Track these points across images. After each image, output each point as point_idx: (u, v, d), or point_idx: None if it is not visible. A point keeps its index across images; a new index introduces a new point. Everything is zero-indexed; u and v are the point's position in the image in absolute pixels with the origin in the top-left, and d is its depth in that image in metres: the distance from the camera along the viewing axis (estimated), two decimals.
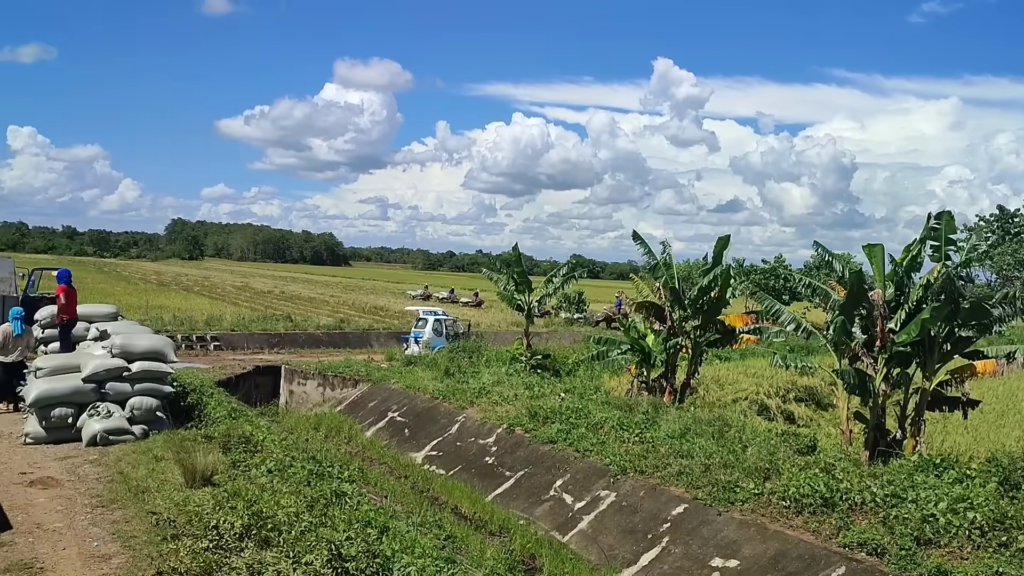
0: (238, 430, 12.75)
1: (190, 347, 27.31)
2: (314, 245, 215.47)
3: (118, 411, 12.77)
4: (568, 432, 15.21)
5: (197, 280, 77.90)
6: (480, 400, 18.48)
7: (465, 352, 25.22)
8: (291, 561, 7.28)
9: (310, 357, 27.73)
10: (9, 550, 8.01)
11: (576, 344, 29.93)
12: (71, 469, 11.14)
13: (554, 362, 23.67)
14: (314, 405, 23.29)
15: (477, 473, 15.53)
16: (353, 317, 42.39)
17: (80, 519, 9.08)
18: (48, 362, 13.45)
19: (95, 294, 41.60)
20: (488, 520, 13.25)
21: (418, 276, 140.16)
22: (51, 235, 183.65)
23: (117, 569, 7.65)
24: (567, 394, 18.12)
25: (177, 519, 8.56)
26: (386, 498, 12.94)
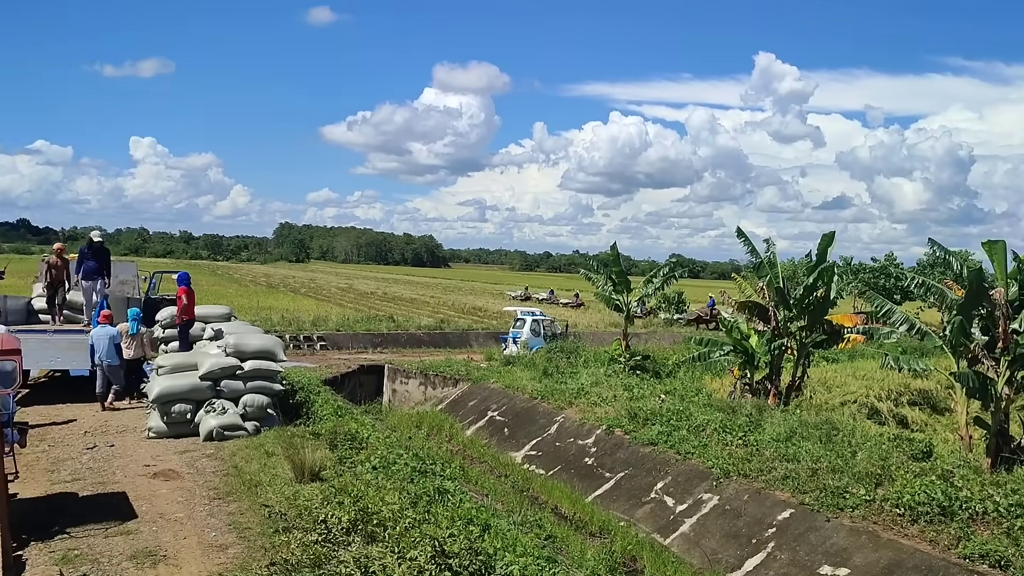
0: (344, 427, 13.12)
1: (297, 347, 28.14)
2: (415, 247, 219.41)
3: (232, 408, 13.34)
4: (669, 434, 15.02)
5: (304, 282, 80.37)
6: (579, 401, 18.44)
7: (563, 352, 25.21)
8: (396, 556, 7.44)
9: (412, 357, 28.22)
10: (135, 538, 8.48)
11: (676, 345, 29.50)
12: (190, 462, 11.69)
13: (654, 363, 23.42)
14: (416, 404, 23.69)
15: (576, 474, 15.50)
16: (453, 318, 42.95)
17: (199, 510, 9.52)
18: (168, 360, 14.16)
19: (209, 296, 43.48)
20: (588, 521, 13.21)
21: (515, 277, 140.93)
22: (169, 240, 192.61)
23: (233, 559, 7.99)
24: (667, 396, 17.89)
25: (288, 512, 8.89)
26: (487, 496, 13.06)
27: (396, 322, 36.10)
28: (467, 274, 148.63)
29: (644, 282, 24.41)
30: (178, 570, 7.70)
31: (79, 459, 11.66)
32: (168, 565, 7.80)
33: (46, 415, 14.38)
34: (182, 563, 7.86)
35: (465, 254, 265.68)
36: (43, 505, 9.44)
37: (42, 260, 17.65)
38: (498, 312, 46.65)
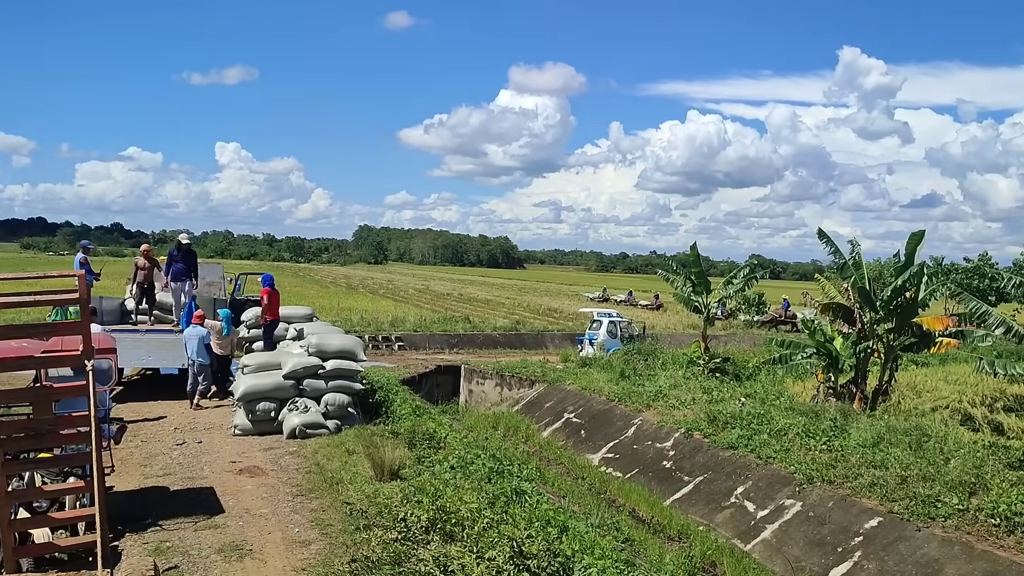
0: (422, 427, 13.27)
1: (376, 347, 28.58)
2: (490, 249, 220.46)
3: (314, 406, 13.62)
4: (749, 438, 14.73)
5: (382, 283, 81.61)
6: (656, 403, 18.25)
7: (640, 354, 24.97)
8: (475, 556, 7.47)
9: (488, 357, 28.37)
10: (223, 532, 8.73)
11: (756, 347, 28.93)
12: (274, 459, 11.99)
13: (733, 366, 22.99)
14: (492, 404, 23.79)
15: (654, 477, 15.34)
16: (528, 319, 43.02)
17: (283, 506, 9.75)
18: (253, 360, 14.55)
19: (291, 297, 44.48)
20: (667, 525, 13.05)
21: (591, 278, 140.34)
22: (253, 242, 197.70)
23: (316, 554, 8.15)
24: (748, 399, 17.55)
25: (368, 510, 9.02)
26: (564, 498, 13.02)
27: (472, 323, 36.34)
28: (542, 275, 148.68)
29: (724, 283, 24.00)
30: (264, 564, 7.89)
31: (170, 454, 12.08)
32: (254, 559, 8.01)
33: (138, 411, 14.94)
34: (267, 558, 8.06)
35: (540, 255, 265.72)
36: (137, 498, 9.81)
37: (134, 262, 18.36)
38: (574, 313, 46.52)
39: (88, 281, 6.57)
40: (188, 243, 17.64)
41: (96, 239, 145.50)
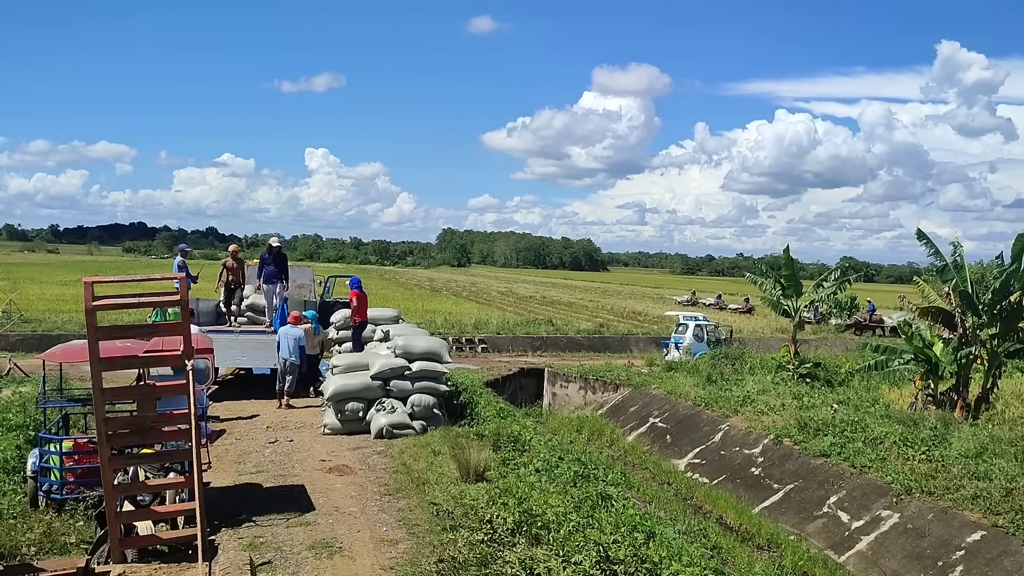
0: (507, 429, 13.30)
1: (460, 349, 28.82)
2: (573, 251, 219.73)
3: (401, 407, 13.82)
4: (843, 446, 14.30)
5: (465, 286, 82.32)
6: (744, 409, 17.89)
7: (728, 359, 24.50)
8: (560, 560, 7.43)
9: (571, 361, 28.29)
10: (313, 529, 8.93)
11: (849, 352, 28.03)
12: (362, 459, 12.19)
13: (825, 371, 22.34)
14: (576, 408, 23.72)
15: (742, 484, 15.03)
16: (612, 322, 42.72)
17: (371, 505, 9.91)
18: (342, 360, 14.85)
19: (377, 299, 45.11)
20: (755, 533, 12.77)
21: (676, 281, 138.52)
22: (341, 246, 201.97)
23: (404, 553, 8.25)
24: (840, 405, 17.03)
25: (454, 511, 9.09)
26: (650, 504, 12.89)
27: (555, 326, 36.29)
28: (626, 278, 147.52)
29: (815, 286, 23.35)
30: (353, 562, 8.03)
31: (262, 452, 12.42)
32: (344, 557, 8.16)
33: (232, 410, 15.40)
34: (356, 555, 8.20)
35: (624, 258, 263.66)
36: (232, 494, 10.11)
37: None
38: (658, 316, 45.99)
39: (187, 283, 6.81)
40: (279, 246, 18.12)
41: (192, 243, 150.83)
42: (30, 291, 39.94)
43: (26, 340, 22.89)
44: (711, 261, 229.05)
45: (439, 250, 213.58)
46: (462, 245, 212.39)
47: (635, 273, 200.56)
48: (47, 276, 59.00)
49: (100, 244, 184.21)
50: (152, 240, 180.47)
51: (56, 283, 49.85)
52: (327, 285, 21.91)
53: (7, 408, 12.79)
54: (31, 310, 29.43)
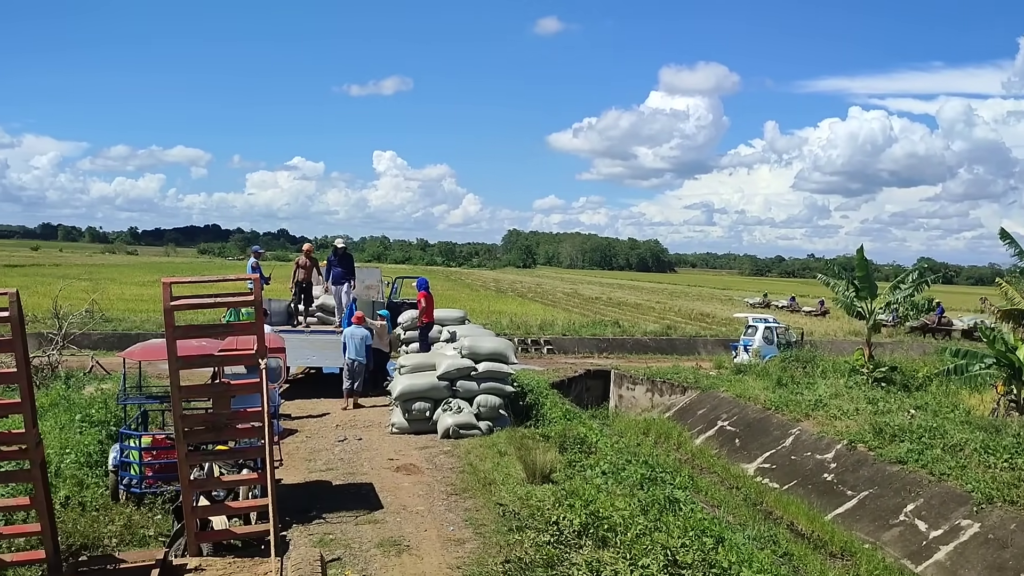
0: (573, 431, 13.26)
1: (525, 350, 28.81)
2: (639, 252, 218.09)
3: (467, 407, 13.90)
4: (920, 452, 13.86)
5: (530, 287, 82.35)
6: (816, 413, 17.49)
7: (799, 362, 24.00)
8: (628, 563, 7.39)
9: (638, 362, 28.04)
10: (381, 527, 9.04)
11: (927, 356, 27.18)
12: (429, 458, 12.30)
13: (901, 375, 21.69)
14: (642, 410, 23.51)
15: (814, 490, 14.69)
16: (679, 323, 42.24)
17: (438, 504, 9.99)
18: (410, 361, 15.01)
19: (443, 300, 45.45)
20: (828, 540, 12.47)
21: (744, 282, 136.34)
22: (408, 247, 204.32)
23: (470, 553, 8.29)
24: (918, 411, 16.52)
25: (521, 512, 9.10)
26: (718, 508, 12.70)
27: (621, 327, 36.01)
28: (694, 279, 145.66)
29: (890, 288, 22.69)
30: (420, 561, 8.10)
31: (332, 450, 12.63)
32: (411, 555, 8.23)
33: (303, 408, 15.70)
34: (423, 554, 8.27)
35: (691, 259, 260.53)
36: (302, 491, 10.30)
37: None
38: (727, 318, 45.26)
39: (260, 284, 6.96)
40: (343, 247, 18.41)
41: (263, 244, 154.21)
42: (111, 291, 41.36)
43: (107, 339, 23.71)
44: (781, 262, 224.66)
45: (504, 251, 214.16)
46: (527, 246, 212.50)
47: (703, 274, 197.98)
48: (126, 277, 61.10)
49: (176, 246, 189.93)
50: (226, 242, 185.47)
51: (135, 284, 51.56)
52: (395, 286, 22.17)
53: (90, 404, 13.27)
54: (112, 310, 30.45)
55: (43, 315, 23.24)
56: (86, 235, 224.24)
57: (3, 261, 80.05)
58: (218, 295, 6.91)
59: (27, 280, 46.06)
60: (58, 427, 11.84)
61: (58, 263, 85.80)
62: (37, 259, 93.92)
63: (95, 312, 23.40)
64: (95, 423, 12.11)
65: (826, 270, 25.14)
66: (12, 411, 6.26)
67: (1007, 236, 16.68)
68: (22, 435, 6.00)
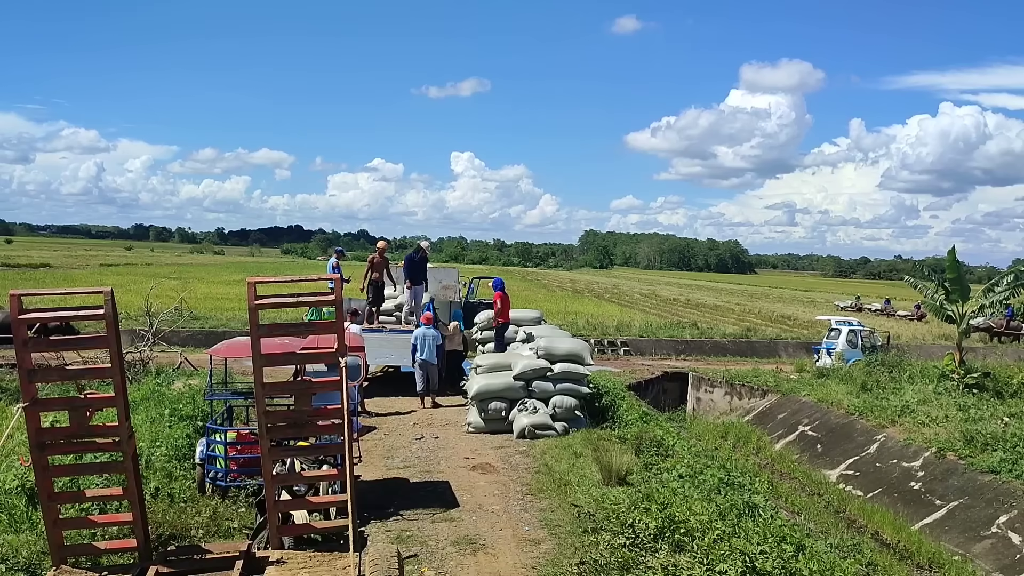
0: (649, 433, 13.15)
1: (601, 351, 28.67)
2: (719, 253, 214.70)
3: (543, 408, 13.91)
4: (1014, 463, 13.28)
5: (607, 288, 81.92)
6: (902, 419, 16.92)
7: (884, 366, 23.23)
8: (704, 568, 7.29)
9: (716, 365, 27.63)
10: (457, 525, 9.12)
11: (1022, 362, 26.02)
12: (504, 458, 12.36)
13: (994, 381, 20.79)
14: (721, 413, 23.15)
15: (900, 498, 14.22)
16: (759, 326, 41.40)
17: (513, 504, 10.02)
18: (485, 360, 15.11)
19: (520, 300, 45.60)
20: (915, 551, 12.06)
21: (827, 284, 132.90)
22: (485, 248, 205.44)
23: (545, 554, 8.30)
24: (1012, 419, 15.82)
25: (596, 514, 9.06)
26: (799, 515, 12.41)
27: (700, 329, 35.52)
28: (775, 281, 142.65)
29: (984, 290, 21.77)
30: (495, 560, 8.14)
31: (409, 448, 12.81)
32: (487, 554, 8.29)
33: (382, 406, 15.96)
34: (499, 553, 8.31)
35: (772, 260, 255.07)
36: (380, 488, 10.48)
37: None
38: (808, 321, 44.17)
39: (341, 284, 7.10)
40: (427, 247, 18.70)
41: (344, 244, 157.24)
42: (198, 290, 42.83)
43: (195, 336, 24.55)
44: (866, 264, 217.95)
45: (581, 252, 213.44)
46: (604, 247, 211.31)
47: (784, 276, 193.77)
48: (213, 276, 63.16)
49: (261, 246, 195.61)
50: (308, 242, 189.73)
51: (221, 282, 53.24)
52: (471, 286, 22.33)
53: (179, 400, 13.77)
54: (199, 308, 31.51)
55: (135, 313, 24.20)
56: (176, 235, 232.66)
57: (99, 261, 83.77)
58: (300, 294, 7.07)
59: (121, 279, 48.05)
60: (149, 421, 12.33)
61: (150, 263, 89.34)
62: (130, 259, 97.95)
63: (183, 310, 24.22)
64: (183, 417, 12.56)
65: (914, 272, 24.31)
66: (107, 405, 6.53)
67: None
68: (115, 428, 6.27)
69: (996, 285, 21.31)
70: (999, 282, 21.37)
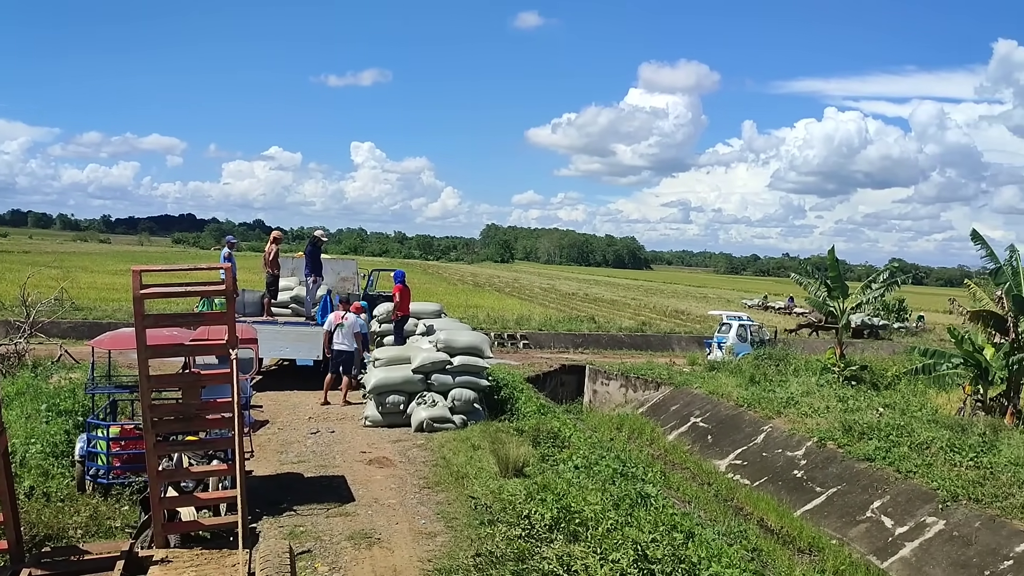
0: (547, 425, 13.29)
1: (501, 344, 28.81)
2: (616, 249, 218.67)
3: (441, 401, 13.87)
4: (888, 450, 14.03)
5: (508, 282, 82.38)
6: (788, 410, 17.64)
7: (771, 360, 24.19)
8: (598, 557, 7.41)
9: (612, 358, 28.15)
10: (353, 520, 9.00)
11: (896, 356, 27.49)
12: (402, 451, 12.27)
13: (871, 374, 21.93)
14: (616, 406, 23.61)
15: (784, 486, 14.83)
16: (654, 320, 42.43)
17: (410, 497, 9.97)
18: (384, 354, 14.94)
19: (420, 293, 45.26)
20: (796, 536, 12.61)
21: (720, 280, 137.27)
22: (385, 240, 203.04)
23: (441, 546, 8.28)
24: (886, 409, 16.71)
25: (493, 506, 9.09)
26: (690, 504, 12.79)
27: (597, 323, 36.14)
28: (669, 277, 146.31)
29: (862, 287, 22.92)
30: (391, 554, 8.08)
31: (304, 443, 12.56)
32: (382, 548, 8.21)
33: (276, 400, 15.58)
34: (395, 547, 8.25)
35: (668, 256, 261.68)
36: (273, 483, 10.24)
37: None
38: (701, 316, 45.56)
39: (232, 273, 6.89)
40: (326, 240, 18.33)
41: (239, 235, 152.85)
42: (82, 280, 40.82)
43: (77, 328, 23.42)
44: (756, 261, 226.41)
45: (483, 246, 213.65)
46: (506, 241, 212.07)
47: (678, 272, 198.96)
48: (98, 265, 60.34)
49: (150, 235, 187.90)
50: (201, 232, 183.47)
51: (107, 272, 50.94)
52: (371, 279, 22.08)
53: (57, 394, 13.10)
54: (82, 299, 30.10)
55: (11, 303, 22.92)
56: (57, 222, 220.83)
57: None
58: (188, 283, 6.84)
59: None
60: (24, 416, 11.69)
61: (27, 250, 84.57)
62: (6, 246, 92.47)
63: (64, 300, 23.09)
64: (62, 412, 11.96)
65: (799, 269, 25.37)
66: None
67: (978, 238, 16.87)
68: None
69: (873, 282, 22.48)
70: (876, 279, 22.54)
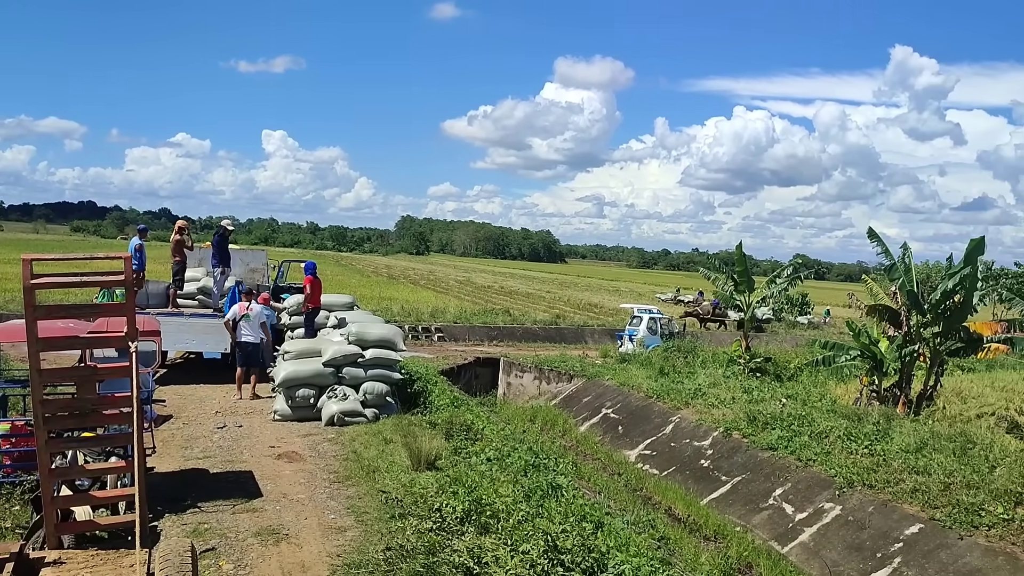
0: (460, 418, 13.29)
1: (416, 337, 28.68)
2: (532, 242, 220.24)
3: (353, 394, 13.70)
4: (789, 439, 14.52)
5: (423, 274, 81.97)
6: (695, 401, 18.08)
7: (680, 352, 24.77)
8: (509, 548, 7.44)
9: (527, 351, 28.34)
10: (260, 515, 8.82)
11: (798, 348, 28.51)
12: (312, 446, 12.07)
13: (775, 366, 22.69)
14: (530, 397, 23.78)
15: (691, 475, 15.20)
16: (568, 313, 42.91)
17: (320, 492, 9.82)
18: (294, 346, 14.67)
19: (333, 285, 44.78)
20: (703, 524, 12.94)
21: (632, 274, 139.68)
22: (297, 230, 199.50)
23: (351, 541, 8.19)
24: (788, 400, 17.30)
25: (404, 499, 9.04)
26: (600, 494, 12.97)
27: (512, 316, 36.32)
28: (583, 270, 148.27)
29: (767, 282, 23.67)
30: (299, 549, 7.95)
31: (210, 438, 12.23)
32: (290, 544, 8.07)
33: (181, 394, 15.13)
34: (303, 543, 8.11)
35: (582, 250, 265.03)
36: (177, 479, 9.93)
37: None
38: (614, 309, 46.27)
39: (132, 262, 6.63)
40: (233, 229, 17.87)
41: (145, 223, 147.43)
42: None
43: None
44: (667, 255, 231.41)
45: (397, 237, 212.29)
46: (421, 233, 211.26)
47: (592, 266, 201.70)
48: None
49: (47, 222, 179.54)
50: (102, 220, 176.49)
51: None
52: (281, 270, 21.63)
53: None
54: None
55: None
56: None
57: None
58: (84, 274, 6.56)
59: None
60: None
61: None
62: None
63: None
64: None
65: (708, 264, 26.03)
66: None
67: (875, 236, 17.56)
68: None
69: (778, 277, 23.24)
70: (780, 274, 23.30)
